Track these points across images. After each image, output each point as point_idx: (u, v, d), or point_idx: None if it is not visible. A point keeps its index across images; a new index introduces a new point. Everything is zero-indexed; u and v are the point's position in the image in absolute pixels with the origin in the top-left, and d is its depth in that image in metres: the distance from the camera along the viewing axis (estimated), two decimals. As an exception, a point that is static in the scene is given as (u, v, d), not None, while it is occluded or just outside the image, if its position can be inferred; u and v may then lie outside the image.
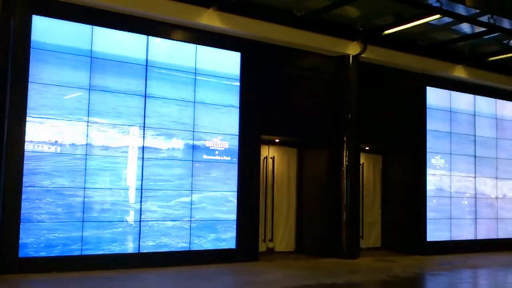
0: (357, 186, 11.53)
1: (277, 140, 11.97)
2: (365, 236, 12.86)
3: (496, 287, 9.74)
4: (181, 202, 9.55)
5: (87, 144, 8.72)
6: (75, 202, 8.55)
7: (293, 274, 9.12)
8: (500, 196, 14.33)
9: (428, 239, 12.60)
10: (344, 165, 11.23)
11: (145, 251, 9.12)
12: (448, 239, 13.04)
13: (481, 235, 13.72)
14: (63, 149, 8.53)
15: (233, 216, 10.07)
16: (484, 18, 10.67)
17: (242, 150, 10.24)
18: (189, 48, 9.86)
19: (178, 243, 9.45)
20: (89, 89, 8.81)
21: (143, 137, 9.27)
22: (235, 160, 10.18)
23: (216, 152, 10.01)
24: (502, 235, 14.21)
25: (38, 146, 8.32)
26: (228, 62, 10.27)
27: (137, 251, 9.06)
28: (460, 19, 10.67)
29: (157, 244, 9.24)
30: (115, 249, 8.84)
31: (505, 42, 12.36)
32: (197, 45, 9.91)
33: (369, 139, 12.46)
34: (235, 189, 10.12)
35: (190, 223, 9.61)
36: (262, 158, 11.35)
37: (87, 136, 8.74)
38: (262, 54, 10.56)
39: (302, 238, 12.01)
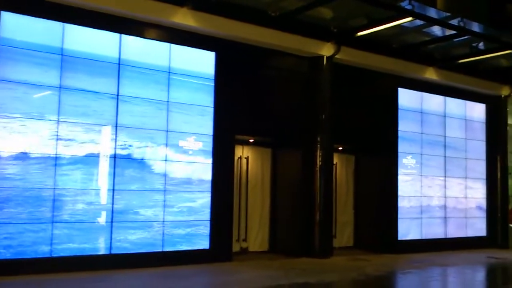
0: (330, 186, 11.63)
1: (251, 140, 11.97)
2: (338, 235, 12.98)
3: (464, 284, 9.97)
4: (154, 203, 9.45)
5: (57, 144, 8.54)
6: (44, 203, 8.36)
7: (266, 274, 9.13)
8: (469, 196, 14.66)
9: (399, 238, 12.81)
10: (318, 165, 11.31)
11: (117, 252, 9.00)
12: (419, 237, 13.28)
13: (450, 234, 14.02)
14: (32, 149, 8.33)
15: (207, 216, 10.03)
16: (455, 21, 10.92)
17: (216, 150, 10.20)
18: (162, 47, 9.77)
19: (151, 244, 9.35)
20: (60, 88, 8.63)
21: (115, 136, 9.13)
22: (209, 160, 10.14)
23: (190, 152, 9.95)
24: (471, 233, 14.56)
25: (5, 146, 8.11)
26: (203, 61, 10.21)
27: (109, 253, 8.94)
28: (431, 21, 10.89)
29: (129, 245, 9.13)
30: (86, 250, 8.69)
31: (474, 45, 12.64)
32: (171, 44, 9.83)
33: (342, 140, 12.57)
34: (209, 189, 10.08)
35: (163, 224, 9.53)
36: (236, 158, 11.33)
37: (57, 135, 8.56)
38: (237, 54, 10.55)
39: (276, 238, 12.04)
